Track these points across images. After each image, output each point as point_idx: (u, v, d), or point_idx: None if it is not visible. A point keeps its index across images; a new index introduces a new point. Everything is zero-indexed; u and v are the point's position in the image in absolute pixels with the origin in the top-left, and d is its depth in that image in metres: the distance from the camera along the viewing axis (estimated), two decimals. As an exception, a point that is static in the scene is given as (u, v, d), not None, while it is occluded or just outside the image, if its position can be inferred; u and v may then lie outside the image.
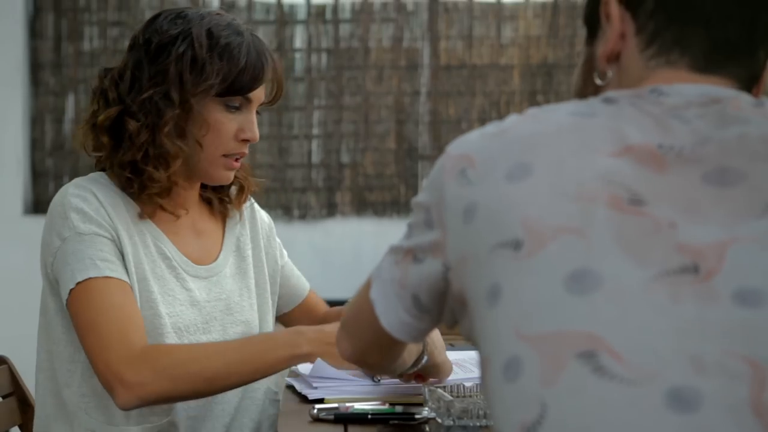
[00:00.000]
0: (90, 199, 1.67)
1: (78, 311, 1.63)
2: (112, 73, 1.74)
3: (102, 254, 1.64)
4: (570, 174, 0.92)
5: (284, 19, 4.59)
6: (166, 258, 1.73)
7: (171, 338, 1.69)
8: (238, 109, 1.72)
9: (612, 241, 0.88)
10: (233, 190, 1.85)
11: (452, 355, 1.92)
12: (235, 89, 1.70)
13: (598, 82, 1.04)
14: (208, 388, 1.63)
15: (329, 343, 1.62)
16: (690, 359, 0.84)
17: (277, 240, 1.95)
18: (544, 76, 4.60)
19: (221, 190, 1.84)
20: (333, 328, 1.62)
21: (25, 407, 1.92)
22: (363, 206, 4.58)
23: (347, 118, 4.57)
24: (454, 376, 1.77)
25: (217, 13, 1.75)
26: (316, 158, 4.59)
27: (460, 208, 0.96)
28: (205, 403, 1.74)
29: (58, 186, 4.48)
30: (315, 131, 4.60)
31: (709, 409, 0.82)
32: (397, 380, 1.76)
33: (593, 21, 1.06)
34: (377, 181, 4.59)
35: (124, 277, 1.65)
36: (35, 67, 4.49)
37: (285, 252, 1.96)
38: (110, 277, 1.63)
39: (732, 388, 0.83)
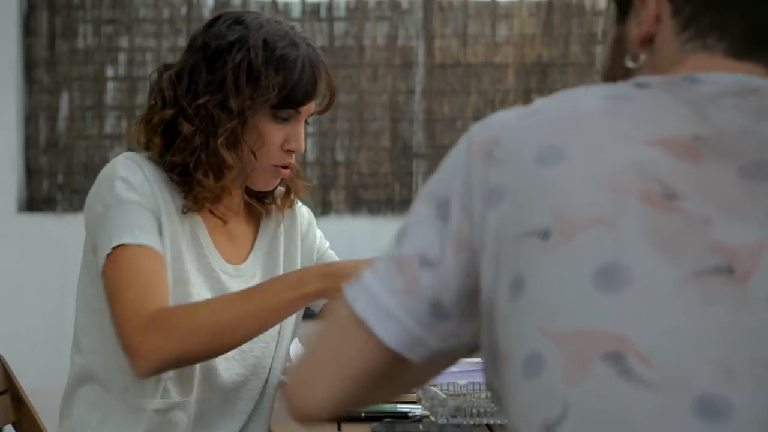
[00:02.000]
0: (137, 172, 1.68)
1: (108, 278, 1.64)
2: (171, 72, 1.74)
3: (141, 222, 1.65)
4: (603, 162, 0.87)
5: (279, 17, 4.58)
6: (201, 247, 1.74)
7: None
8: (286, 120, 1.73)
9: (643, 237, 0.84)
10: (279, 192, 1.86)
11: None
12: (287, 103, 1.71)
13: (630, 64, 0.99)
14: (219, 343, 1.62)
15: (340, 276, 1.60)
16: (721, 366, 0.80)
17: (318, 233, 1.94)
18: (539, 75, 4.60)
19: (266, 193, 1.84)
20: (343, 262, 1.64)
21: (18, 405, 1.92)
22: (357, 204, 4.59)
23: (342, 117, 4.57)
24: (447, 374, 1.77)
25: (276, 21, 1.75)
26: (310, 156, 4.59)
27: (487, 191, 0.90)
28: (227, 399, 1.75)
29: (53, 184, 4.48)
30: (309, 129, 4.59)
31: (739, 420, 0.78)
32: None
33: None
34: (372, 180, 4.59)
35: (159, 247, 1.65)
36: (29, 65, 4.48)
37: (326, 242, 1.95)
38: (143, 245, 1.64)
39: (764, 398, 0.79)
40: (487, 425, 1.58)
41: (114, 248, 1.63)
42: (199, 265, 1.73)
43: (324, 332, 1.00)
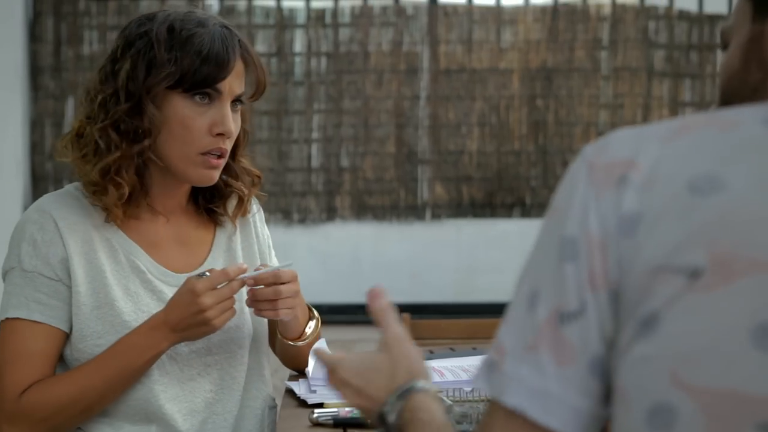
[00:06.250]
0: (47, 228, 1.66)
1: None
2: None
3: (38, 296, 1.64)
4: None
5: (284, 23, 4.59)
6: (140, 272, 1.70)
7: None
8: (209, 103, 1.65)
9: None
10: (232, 202, 1.80)
11: (447, 362, 1.92)
12: (198, 81, 1.63)
13: None
14: (89, 416, 1.65)
15: (183, 329, 1.61)
16: None
17: (266, 231, 1.89)
18: (544, 80, 4.60)
19: (216, 201, 1.79)
20: (179, 311, 1.59)
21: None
22: (362, 210, 4.59)
23: (347, 122, 4.58)
24: (448, 381, 1.77)
25: (190, 11, 1.68)
26: (315, 162, 4.60)
27: (619, 218, 0.79)
28: (203, 419, 1.72)
29: (58, 189, 4.49)
30: (315, 135, 4.60)
31: None
32: None
33: None
34: (377, 185, 4.59)
35: (53, 322, 1.64)
36: (35, 71, 4.49)
37: (273, 251, 1.91)
38: (37, 322, 1.64)
39: None
40: None
41: (8, 318, 1.64)
42: (141, 291, 1.69)
43: None
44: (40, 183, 4.50)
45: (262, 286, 1.69)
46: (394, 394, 1.00)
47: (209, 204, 1.79)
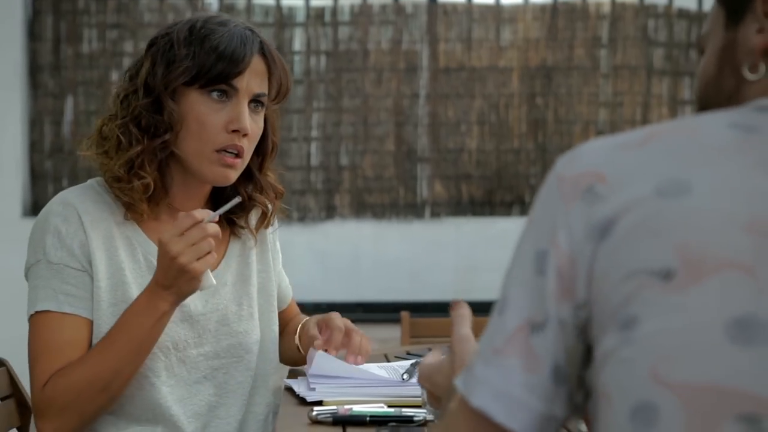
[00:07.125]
0: (71, 219, 1.65)
1: (30, 339, 1.67)
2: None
3: (66, 287, 1.65)
4: (739, 199, 0.78)
5: (283, 21, 4.59)
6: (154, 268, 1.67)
7: (159, 356, 1.67)
8: (225, 100, 1.65)
9: None
10: (253, 216, 1.80)
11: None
12: (213, 76, 1.64)
13: (749, 76, 0.89)
14: (110, 397, 1.64)
15: (170, 285, 1.57)
16: None
17: (276, 236, 1.90)
18: (543, 79, 4.60)
19: (237, 212, 1.78)
20: (157, 269, 1.58)
21: (23, 409, 1.92)
22: (362, 208, 4.59)
23: (346, 121, 4.58)
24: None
25: (217, 15, 1.71)
26: (315, 160, 4.59)
27: (589, 228, 0.82)
28: (206, 422, 1.72)
29: (57, 188, 4.49)
30: (314, 133, 4.60)
31: None
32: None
33: (740, 1, 0.90)
34: (376, 184, 4.59)
35: (83, 312, 1.64)
36: (34, 70, 4.49)
37: (280, 255, 1.91)
38: (66, 314, 1.64)
39: None
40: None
41: (38, 311, 1.66)
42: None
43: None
44: (39, 181, 4.50)
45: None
46: (447, 393, 1.05)
47: (230, 214, 1.78)
